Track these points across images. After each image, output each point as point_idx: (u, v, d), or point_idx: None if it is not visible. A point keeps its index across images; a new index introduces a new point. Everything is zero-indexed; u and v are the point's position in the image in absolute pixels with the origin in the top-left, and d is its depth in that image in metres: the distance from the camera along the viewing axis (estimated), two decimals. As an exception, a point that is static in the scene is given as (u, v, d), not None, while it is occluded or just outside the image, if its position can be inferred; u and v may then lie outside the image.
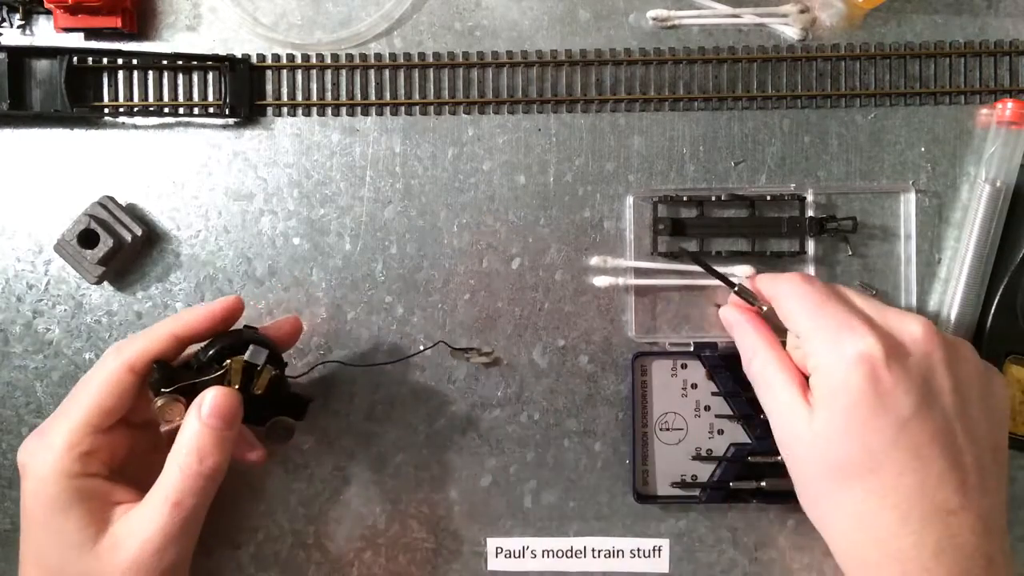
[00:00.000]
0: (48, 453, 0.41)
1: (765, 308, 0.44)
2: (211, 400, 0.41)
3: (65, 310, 0.50)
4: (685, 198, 0.50)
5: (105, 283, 0.50)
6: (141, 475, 0.43)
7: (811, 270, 0.50)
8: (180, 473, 0.40)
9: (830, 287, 0.42)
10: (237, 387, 0.43)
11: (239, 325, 0.46)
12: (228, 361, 0.42)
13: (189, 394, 0.42)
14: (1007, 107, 0.49)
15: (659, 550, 0.50)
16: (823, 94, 0.51)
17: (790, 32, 0.51)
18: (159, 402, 0.42)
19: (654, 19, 0.51)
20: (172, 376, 0.42)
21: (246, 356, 0.43)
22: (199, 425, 0.41)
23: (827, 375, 0.39)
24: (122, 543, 0.40)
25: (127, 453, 0.43)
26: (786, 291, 0.43)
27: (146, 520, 0.40)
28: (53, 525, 0.40)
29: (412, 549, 0.50)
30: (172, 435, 0.42)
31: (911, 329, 0.39)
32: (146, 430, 0.45)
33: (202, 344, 0.44)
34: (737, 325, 0.45)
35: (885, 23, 0.51)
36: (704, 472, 0.50)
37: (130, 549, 0.40)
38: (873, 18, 0.51)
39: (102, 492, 0.41)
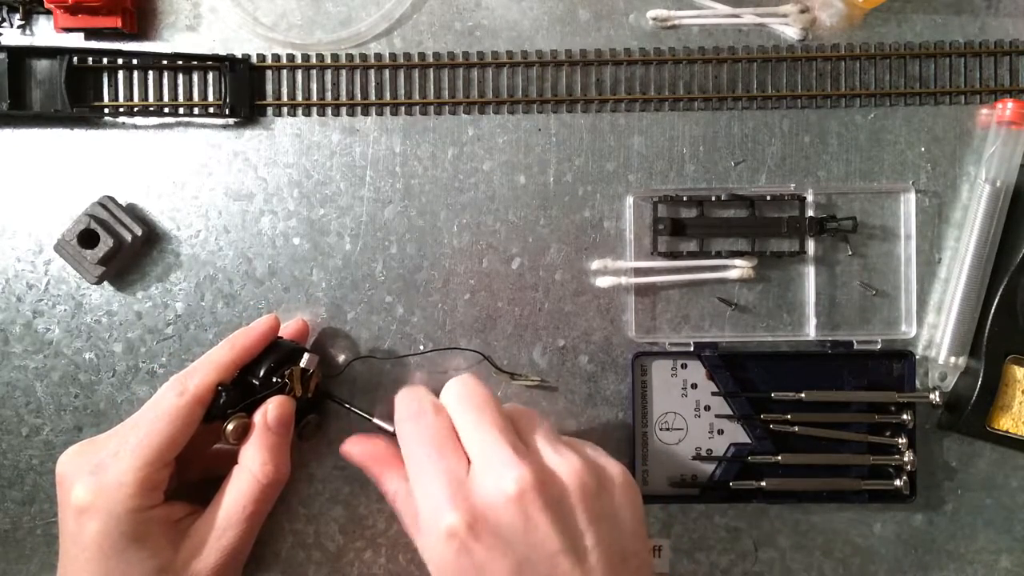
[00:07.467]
0: (119, 492, 0.41)
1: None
2: (275, 410, 0.44)
3: (65, 310, 0.50)
4: (685, 198, 0.50)
5: (105, 283, 0.50)
6: (179, 487, 0.46)
7: (811, 270, 0.50)
8: (256, 483, 0.43)
9: (440, 429, 0.41)
10: (297, 395, 0.45)
11: None
12: (288, 371, 0.45)
13: (250, 411, 0.45)
14: (1007, 107, 0.49)
15: (659, 550, 0.50)
16: (823, 94, 0.51)
17: (790, 32, 0.51)
18: (230, 425, 0.44)
19: (654, 19, 0.51)
20: (237, 398, 0.44)
21: (302, 364, 0.46)
22: (270, 435, 0.44)
23: (425, 544, 0.39)
24: (201, 553, 0.43)
25: (173, 472, 0.44)
26: (399, 432, 0.42)
27: (222, 529, 0.43)
28: (129, 555, 0.41)
29: (412, 549, 0.50)
30: (200, 446, 0.45)
31: (502, 486, 0.37)
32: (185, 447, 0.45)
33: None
34: (366, 464, 0.46)
35: (885, 23, 0.51)
36: (704, 472, 0.50)
37: (210, 558, 0.43)
38: (873, 18, 0.51)
39: (167, 514, 0.43)
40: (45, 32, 0.50)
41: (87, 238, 0.48)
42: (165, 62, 0.50)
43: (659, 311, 0.51)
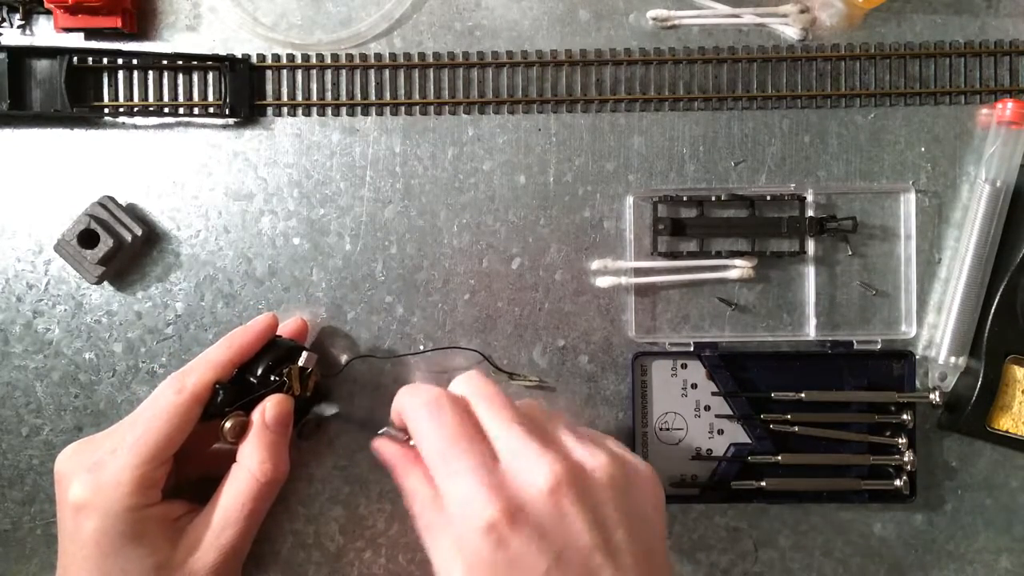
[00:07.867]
0: (116, 490, 0.41)
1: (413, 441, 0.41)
2: (273, 409, 0.44)
3: (65, 310, 0.50)
4: (685, 198, 0.50)
5: (105, 283, 0.50)
6: (177, 486, 0.45)
7: (811, 270, 0.50)
8: (255, 481, 0.43)
9: (463, 420, 0.39)
10: (295, 393, 0.45)
11: None
12: (287, 370, 0.45)
13: (248, 409, 0.45)
14: (1007, 107, 0.49)
15: (659, 550, 0.50)
16: (823, 94, 0.51)
17: (790, 32, 0.51)
18: (228, 423, 0.44)
19: (654, 19, 0.51)
20: (235, 396, 0.44)
21: (300, 363, 0.45)
22: (268, 434, 0.44)
23: (458, 540, 0.37)
24: (200, 551, 0.43)
25: (171, 471, 0.44)
26: (416, 426, 0.40)
27: (220, 527, 0.43)
28: (127, 553, 0.41)
29: (412, 549, 0.50)
30: (199, 445, 0.45)
31: (536, 480, 0.36)
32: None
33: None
34: (392, 464, 0.42)
35: (885, 23, 0.51)
36: (704, 472, 0.50)
37: (208, 556, 0.43)
38: (873, 18, 0.51)
39: (165, 512, 0.43)
40: (45, 32, 0.50)
41: (87, 238, 0.48)
42: (165, 62, 0.50)
43: (659, 311, 0.51)
